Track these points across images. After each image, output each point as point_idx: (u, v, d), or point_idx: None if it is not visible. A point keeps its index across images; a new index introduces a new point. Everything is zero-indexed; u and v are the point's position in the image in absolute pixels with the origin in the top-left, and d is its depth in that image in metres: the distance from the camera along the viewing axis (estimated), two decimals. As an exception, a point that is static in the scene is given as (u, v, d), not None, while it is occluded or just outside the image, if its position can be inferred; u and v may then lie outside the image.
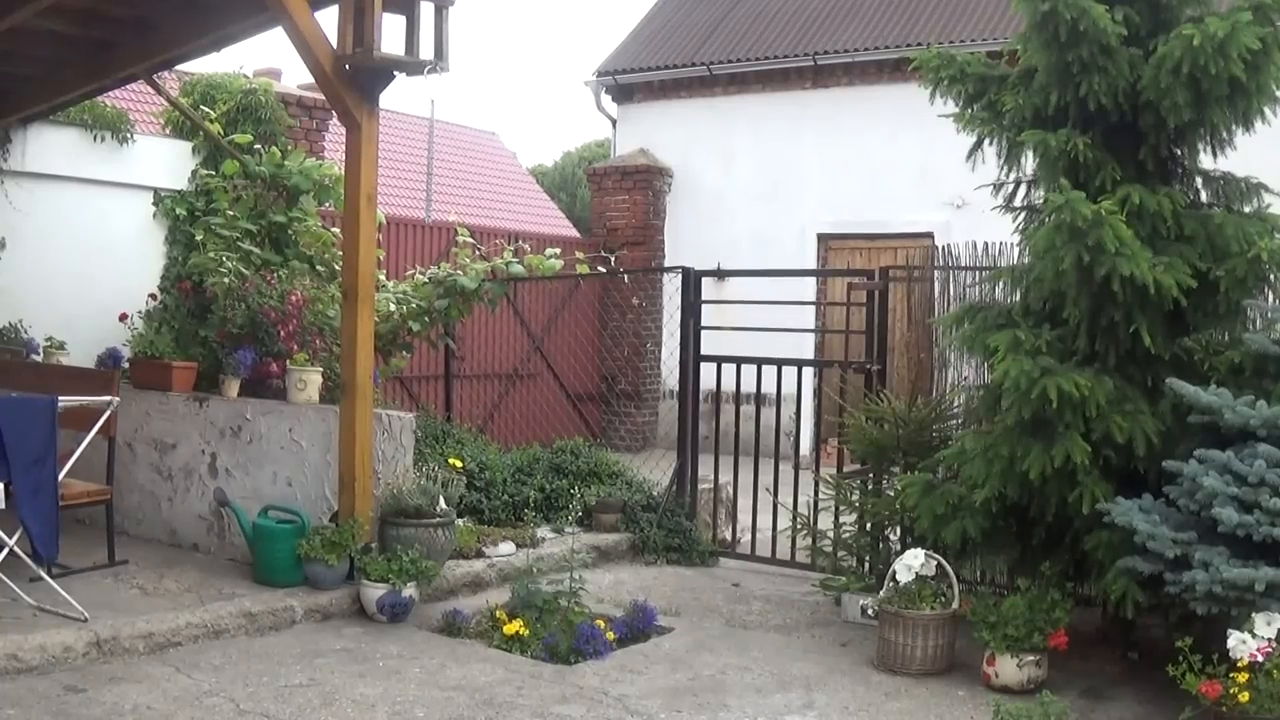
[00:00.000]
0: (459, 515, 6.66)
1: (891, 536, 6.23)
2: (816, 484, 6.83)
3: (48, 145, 7.96)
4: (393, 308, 7.46)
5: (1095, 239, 4.74)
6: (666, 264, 12.92)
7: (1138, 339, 4.98)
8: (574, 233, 20.75)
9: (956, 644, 5.18)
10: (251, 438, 6.39)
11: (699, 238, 12.98)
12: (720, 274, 8.21)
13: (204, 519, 6.58)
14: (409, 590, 5.62)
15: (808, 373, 9.09)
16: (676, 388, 7.71)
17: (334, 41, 5.75)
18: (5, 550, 5.12)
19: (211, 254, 7.26)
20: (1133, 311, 4.94)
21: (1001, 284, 5.67)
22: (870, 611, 5.55)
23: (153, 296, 7.75)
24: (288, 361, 6.48)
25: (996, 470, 5.06)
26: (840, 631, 5.76)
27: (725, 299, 8.62)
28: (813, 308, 11.56)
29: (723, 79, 13.49)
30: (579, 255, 8.55)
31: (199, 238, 7.73)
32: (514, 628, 5.31)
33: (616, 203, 13.60)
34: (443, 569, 6.04)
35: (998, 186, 5.81)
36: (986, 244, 6.87)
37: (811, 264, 12.59)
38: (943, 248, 7.32)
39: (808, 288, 11.72)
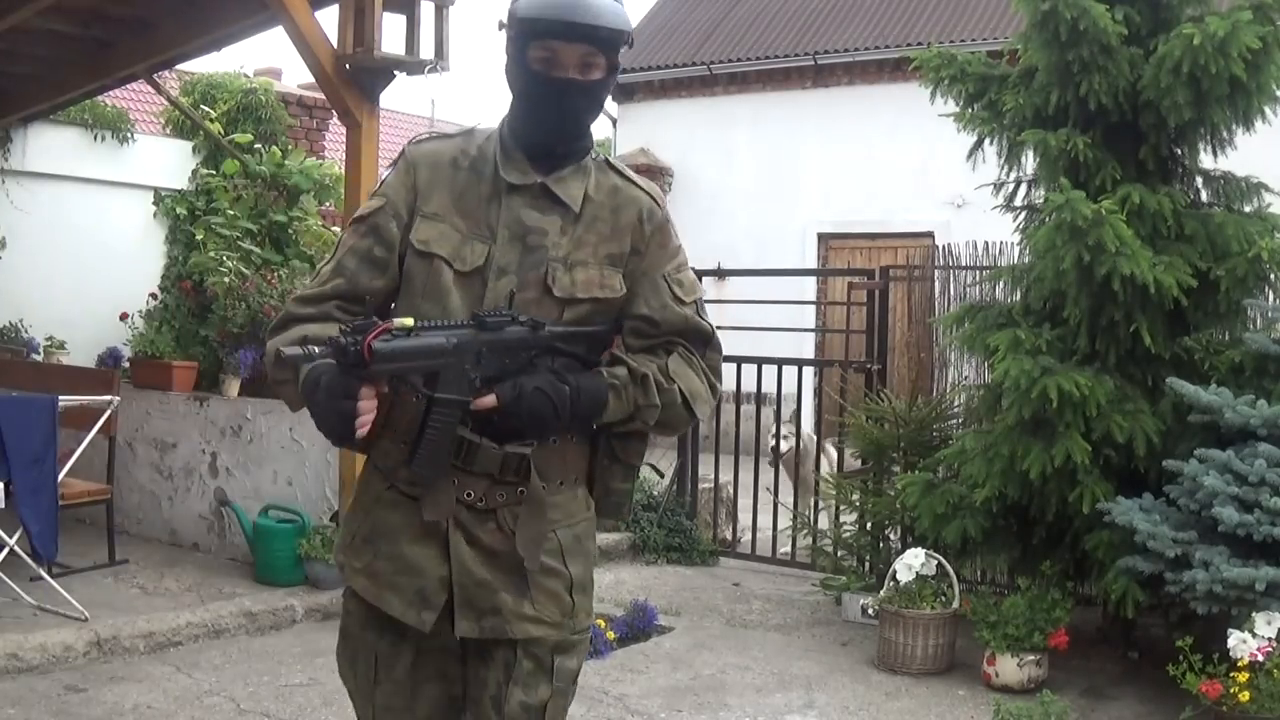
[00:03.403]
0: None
1: (892, 536, 6.22)
2: (817, 483, 6.84)
3: (48, 145, 7.97)
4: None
5: (1095, 238, 4.74)
6: (667, 263, 12.90)
7: (1138, 338, 4.97)
8: (574, 232, 20.75)
9: (957, 643, 5.18)
10: (252, 437, 6.39)
11: (699, 237, 12.93)
12: (720, 273, 8.21)
13: (204, 518, 6.58)
14: (409, 590, 5.61)
15: (808, 372, 9.08)
16: (677, 387, 7.69)
17: (334, 41, 5.74)
18: (5, 550, 5.13)
19: (212, 253, 7.26)
20: (1133, 311, 4.94)
21: (1002, 283, 5.66)
22: (870, 611, 5.54)
23: (153, 296, 7.75)
24: (288, 361, 6.47)
25: (997, 470, 5.06)
26: (840, 631, 5.76)
27: (725, 298, 8.61)
28: (813, 307, 11.56)
29: (723, 78, 13.50)
30: (579, 255, 8.53)
31: (199, 237, 7.73)
32: (514, 627, 5.30)
33: (617, 202, 13.60)
34: (443, 568, 6.03)
35: (998, 186, 5.81)
36: (987, 243, 6.87)
37: (812, 263, 12.60)
38: (943, 247, 7.32)
39: (808, 287, 11.73)
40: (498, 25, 2.14)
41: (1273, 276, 5.19)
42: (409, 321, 1.93)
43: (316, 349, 1.89)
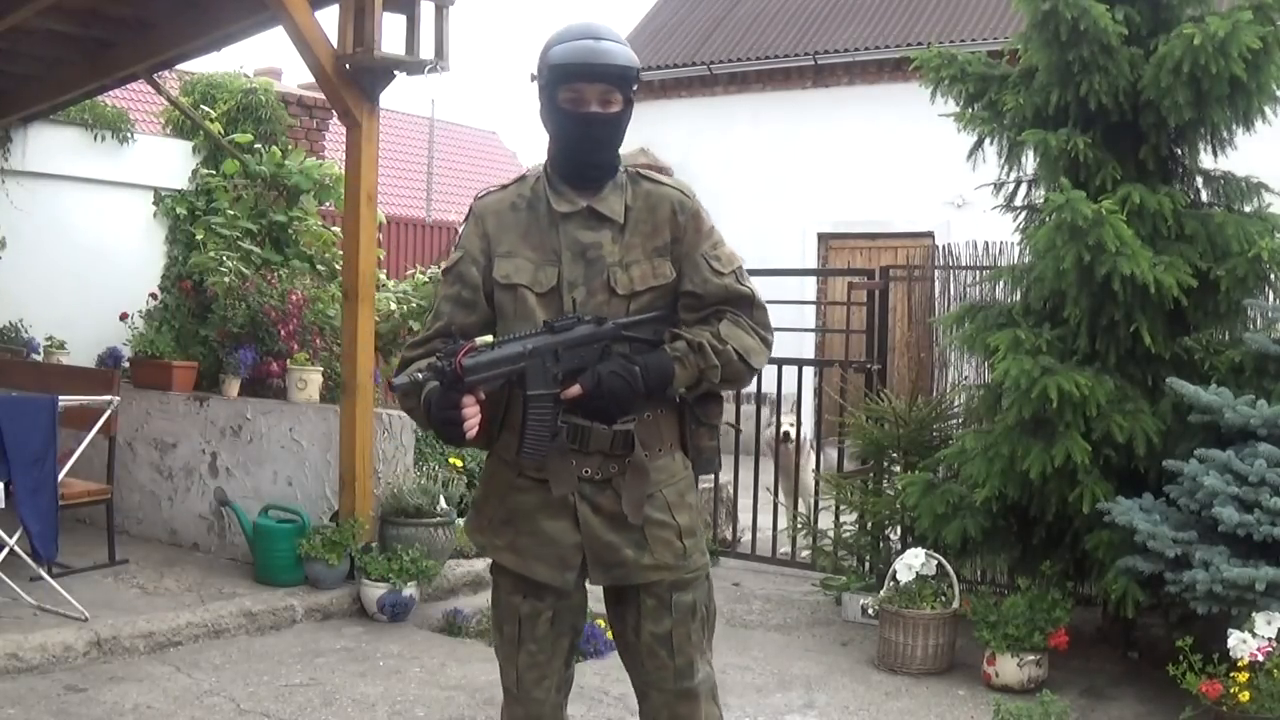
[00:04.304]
0: (459, 514, 6.65)
1: (892, 536, 6.22)
2: (817, 483, 6.84)
3: (48, 144, 7.97)
4: (393, 307, 7.46)
5: (1096, 238, 4.74)
6: (667, 263, 12.88)
7: (1138, 338, 4.97)
8: (574, 232, 20.69)
9: (957, 643, 5.18)
10: (252, 437, 6.39)
11: (699, 237, 12.95)
12: (720, 273, 8.19)
13: (204, 518, 6.58)
14: (409, 590, 5.62)
15: (808, 372, 9.07)
16: (677, 387, 7.67)
17: (334, 41, 5.75)
18: (5, 550, 5.13)
19: (212, 253, 7.26)
20: (1133, 311, 4.93)
21: (1002, 283, 5.66)
22: (871, 611, 5.55)
23: (153, 296, 7.75)
24: (288, 361, 6.48)
25: (997, 470, 5.06)
26: (841, 631, 5.76)
27: (725, 298, 8.60)
28: (813, 307, 11.55)
29: (723, 78, 13.49)
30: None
31: (199, 237, 7.72)
32: (514, 627, 5.30)
33: (617, 202, 13.59)
34: (443, 568, 6.04)
35: (998, 186, 5.81)
36: (987, 243, 6.87)
37: (812, 263, 12.59)
38: (943, 247, 7.31)
39: (808, 287, 11.72)
40: (530, 78, 2.49)
41: (1273, 276, 5.18)
42: (489, 338, 2.42)
43: (420, 375, 2.38)
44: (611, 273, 2.52)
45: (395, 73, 5.87)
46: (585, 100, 2.50)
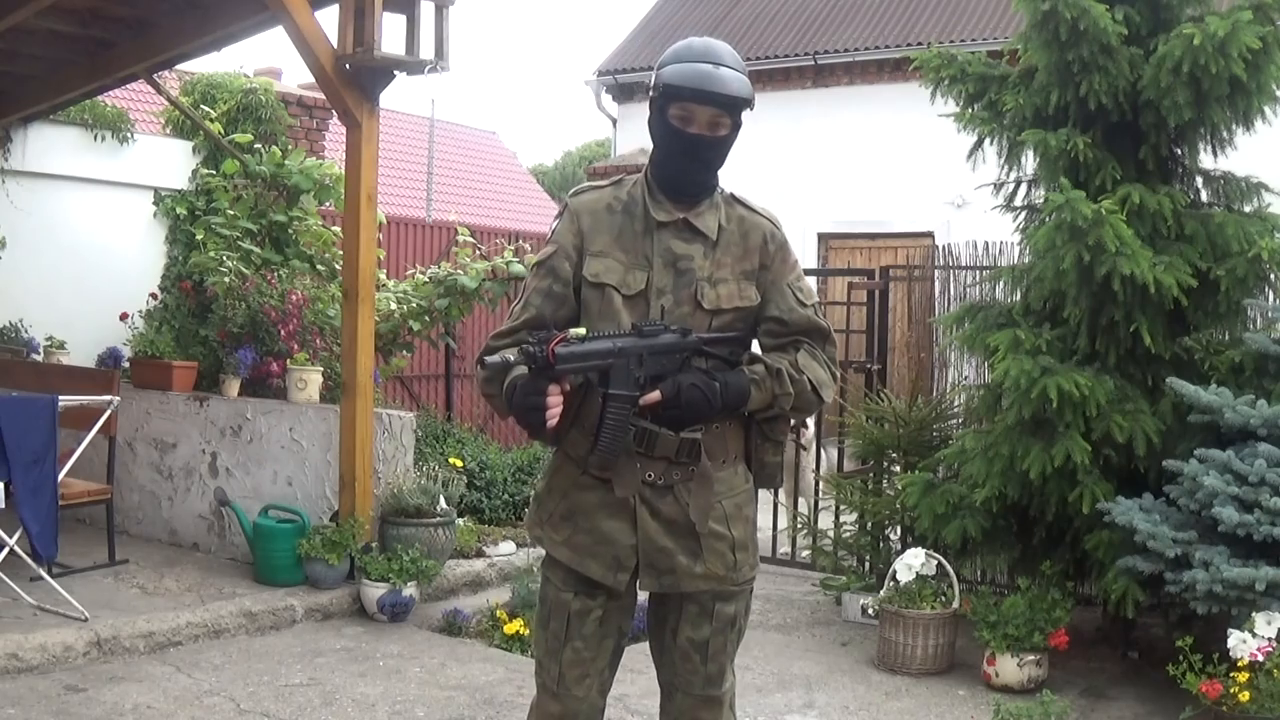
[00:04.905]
0: (459, 515, 6.66)
1: (892, 536, 6.22)
2: (817, 483, 6.84)
3: (48, 144, 7.96)
4: (393, 307, 7.47)
5: (1095, 238, 4.74)
6: (667, 263, 12.88)
7: (1138, 338, 4.97)
8: (574, 232, 20.66)
9: (957, 643, 5.19)
10: (252, 437, 6.39)
11: (699, 237, 12.94)
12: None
13: (204, 518, 6.58)
14: (409, 590, 5.62)
15: (808, 372, 9.09)
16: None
17: (334, 41, 5.75)
18: (5, 550, 5.13)
19: (212, 253, 7.26)
20: (1133, 311, 4.94)
21: (1002, 283, 5.66)
22: (871, 611, 5.55)
23: (153, 296, 7.75)
24: (288, 361, 6.48)
25: (997, 469, 5.06)
26: (841, 631, 5.76)
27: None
28: (813, 307, 11.53)
29: (723, 78, 13.47)
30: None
31: (199, 237, 7.72)
32: (514, 627, 5.31)
33: (617, 202, 13.56)
34: (443, 568, 6.04)
35: (998, 186, 5.81)
36: (987, 243, 6.87)
37: (812, 264, 12.59)
38: (943, 247, 7.31)
39: (808, 287, 11.71)
40: (645, 90, 2.62)
41: (1273, 276, 5.19)
42: (582, 331, 2.44)
43: (510, 357, 2.44)
44: (700, 287, 2.59)
45: (395, 73, 5.87)
46: (694, 121, 2.55)
